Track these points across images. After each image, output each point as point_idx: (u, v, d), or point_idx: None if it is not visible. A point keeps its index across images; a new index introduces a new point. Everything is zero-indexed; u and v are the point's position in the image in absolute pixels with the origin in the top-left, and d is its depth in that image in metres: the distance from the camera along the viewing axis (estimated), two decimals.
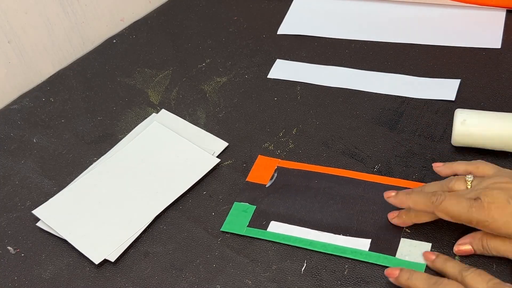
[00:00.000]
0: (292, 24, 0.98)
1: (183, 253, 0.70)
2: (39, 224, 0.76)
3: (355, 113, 0.82)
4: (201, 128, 0.84)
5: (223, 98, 0.88)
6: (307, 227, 0.70)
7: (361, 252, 0.66)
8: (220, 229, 0.71)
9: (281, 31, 0.98)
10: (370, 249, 0.66)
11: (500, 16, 0.91)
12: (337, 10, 0.99)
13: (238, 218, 0.72)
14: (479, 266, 0.63)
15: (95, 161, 0.82)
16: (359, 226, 0.69)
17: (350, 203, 0.71)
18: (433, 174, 0.72)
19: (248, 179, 0.76)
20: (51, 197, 0.78)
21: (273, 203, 0.73)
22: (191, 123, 0.85)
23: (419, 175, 0.72)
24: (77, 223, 0.74)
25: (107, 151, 0.83)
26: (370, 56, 0.90)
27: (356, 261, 0.66)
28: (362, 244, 0.67)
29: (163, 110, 0.87)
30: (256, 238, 0.70)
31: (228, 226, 0.72)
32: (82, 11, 0.99)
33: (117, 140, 0.84)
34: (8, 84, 0.95)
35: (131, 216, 0.74)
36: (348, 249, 0.67)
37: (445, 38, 0.90)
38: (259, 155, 0.79)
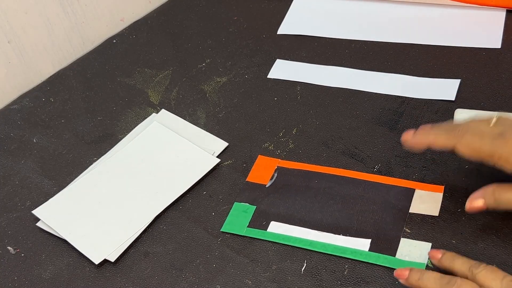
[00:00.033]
0: (292, 24, 0.98)
1: (183, 253, 0.70)
2: (39, 224, 0.76)
3: (355, 113, 0.82)
4: (201, 128, 0.84)
5: (223, 98, 0.88)
6: (307, 227, 0.70)
7: (361, 252, 0.66)
8: (220, 230, 0.71)
9: (281, 31, 0.98)
10: (370, 249, 0.66)
11: (500, 16, 0.91)
12: (337, 10, 0.99)
13: (238, 219, 0.72)
14: None
15: (95, 161, 0.82)
16: (359, 226, 0.69)
17: (350, 203, 0.71)
18: (432, 174, 0.72)
19: (248, 179, 0.76)
20: (51, 197, 0.78)
21: (273, 203, 0.73)
22: (191, 123, 0.85)
23: (419, 175, 0.72)
24: (77, 223, 0.74)
25: (107, 151, 0.83)
26: (370, 56, 0.90)
27: (356, 261, 0.66)
28: (362, 244, 0.67)
29: (163, 110, 0.87)
30: (256, 238, 0.70)
31: (228, 227, 0.72)
32: (82, 11, 0.99)
33: (117, 140, 0.84)
34: (8, 84, 0.95)
35: (131, 216, 0.74)
36: (348, 249, 0.67)
37: (445, 38, 0.90)
38: (259, 155, 0.79)
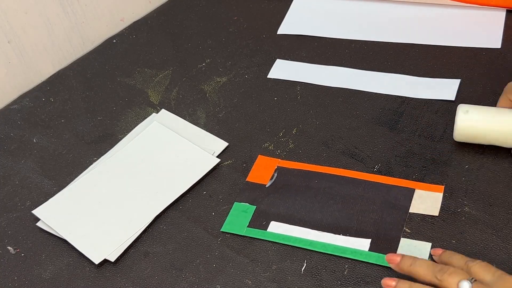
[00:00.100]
0: (292, 24, 0.98)
1: (183, 253, 0.70)
2: (39, 224, 0.76)
3: (355, 113, 0.82)
4: (201, 128, 0.84)
5: (223, 98, 0.88)
6: (307, 227, 0.70)
7: (361, 252, 0.66)
8: (220, 230, 0.71)
9: (281, 31, 0.98)
10: (370, 249, 0.66)
11: (500, 16, 0.91)
12: (337, 10, 0.99)
13: (238, 219, 0.72)
14: None
15: (95, 161, 0.82)
16: (359, 226, 0.69)
17: (350, 203, 0.71)
18: (432, 174, 0.72)
19: (248, 179, 0.76)
20: (51, 197, 0.78)
21: (273, 203, 0.73)
22: (191, 123, 0.85)
23: (419, 175, 0.72)
24: (77, 223, 0.74)
25: (107, 151, 0.83)
26: (370, 56, 0.90)
27: (356, 261, 0.66)
28: (362, 244, 0.67)
29: (163, 110, 0.87)
30: (256, 238, 0.70)
31: (228, 227, 0.72)
32: (82, 11, 0.99)
33: (117, 140, 0.84)
34: (8, 84, 0.95)
35: (131, 216, 0.74)
36: (348, 249, 0.67)
37: (445, 38, 0.90)
38: (259, 155, 0.79)
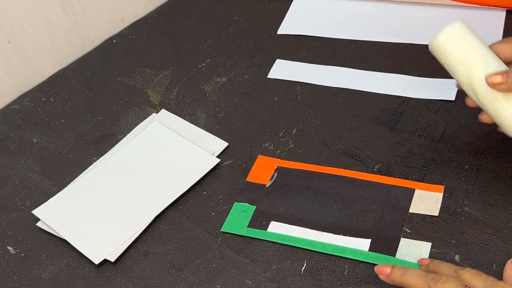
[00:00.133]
0: (292, 24, 0.98)
1: (183, 253, 0.70)
2: (39, 224, 0.76)
3: (355, 113, 0.82)
4: (201, 128, 0.84)
5: (223, 98, 0.88)
6: (307, 227, 0.70)
7: (361, 252, 0.66)
8: (220, 230, 0.71)
9: (281, 31, 0.98)
10: (370, 249, 0.66)
11: (500, 16, 0.91)
12: (337, 10, 0.99)
13: (238, 219, 0.72)
14: (479, 266, 0.63)
15: (95, 161, 0.82)
16: (359, 226, 0.69)
17: (350, 203, 0.71)
18: (432, 174, 0.72)
19: (248, 179, 0.76)
20: (51, 197, 0.78)
21: (273, 203, 0.73)
22: (191, 123, 0.85)
23: (419, 175, 0.72)
24: (77, 223, 0.74)
25: (107, 151, 0.83)
26: (370, 56, 0.90)
27: (356, 261, 0.66)
28: (362, 244, 0.67)
29: (163, 110, 0.87)
30: (256, 238, 0.70)
31: (228, 227, 0.72)
32: (82, 11, 0.99)
33: (117, 140, 0.84)
34: (8, 84, 0.95)
35: (131, 216, 0.74)
36: (348, 249, 0.67)
37: None
38: (259, 155, 0.79)
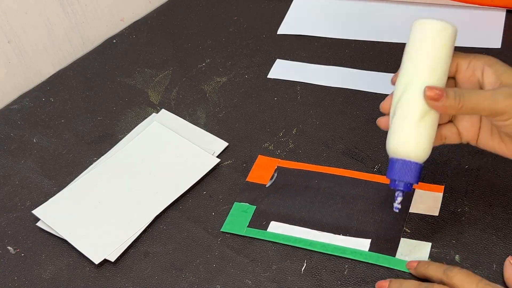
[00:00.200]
0: (292, 24, 0.98)
1: (183, 253, 0.70)
2: (39, 224, 0.76)
3: (355, 113, 0.82)
4: (201, 128, 0.84)
5: (223, 98, 0.88)
6: (307, 227, 0.70)
7: (361, 253, 0.66)
8: (220, 230, 0.71)
9: (281, 31, 0.98)
10: (370, 249, 0.66)
11: (500, 16, 0.91)
12: (337, 10, 0.99)
13: (238, 219, 0.72)
14: (479, 266, 0.63)
15: (95, 161, 0.82)
16: (359, 226, 0.69)
17: (350, 203, 0.71)
18: (432, 174, 0.72)
19: (248, 179, 0.76)
20: (51, 197, 0.78)
21: (273, 203, 0.73)
22: (191, 123, 0.85)
23: None
24: (77, 223, 0.74)
25: (107, 151, 0.83)
26: (370, 56, 0.90)
27: (356, 261, 0.66)
28: (362, 244, 0.67)
29: (163, 110, 0.87)
30: (256, 238, 0.70)
31: (228, 227, 0.72)
32: (82, 11, 0.99)
33: (117, 140, 0.84)
34: (8, 84, 0.95)
35: (131, 216, 0.74)
36: (348, 249, 0.67)
37: None
38: (259, 155, 0.79)
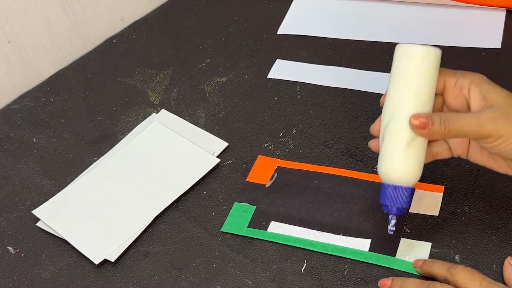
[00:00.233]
0: (292, 24, 0.98)
1: (183, 253, 0.70)
2: (39, 224, 0.76)
3: (355, 113, 0.82)
4: (201, 128, 0.84)
5: (223, 98, 0.88)
6: (307, 227, 0.70)
7: (361, 253, 0.66)
8: (220, 230, 0.71)
9: (281, 31, 0.98)
10: (370, 249, 0.66)
11: (500, 16, 0.91)
12: (337, 10, 0.99)
13: (238, 219, 0.72)
14: (479, 266, 0.63)
15: (95, 161, 0.82)
16: (359, 226, 0.69)
17: (350, 203, 0.71)
18: (432, 174, 0.72)
19: (248, 179, 0.76)
20: (51, 197, 0.78)
21: (273, 203, 0.73)
22: (191, 123, 0.85)
23: None
24: (77, 223, 0.74)
25: (107, 151, 0.83)
26: (370, 56, 0.90)
27: (356, 261, 0.66)
28: (362, 244, 0.67)
29: (163, 110, 0.87)
30: (256, 238, 0.70)
31: (228, 227, 0.72)
32: (82, 11, 0.99)
33: (117, 140, 0.84)
34: (8, 84, 0.95)
35: (131, 216, 0.74)
36: (348, 249, 0.67)
37: (445, 38, 0.90)
38: (259, 155, 0.79)
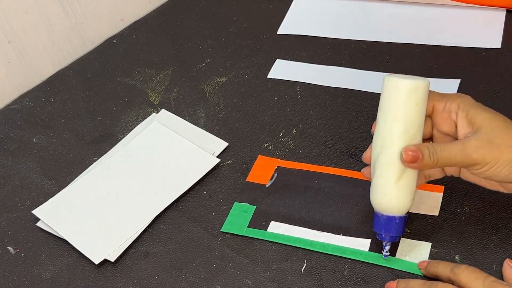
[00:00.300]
0: (292, 24, 0.98)
1: (183, 253, 0.70)
2: (39, 224, 0.76)
3: (355, 113, 0.82)
4: (201, 128, 0.84)
5: (223, 98, 0.88)
6: (307, 227, 0.70)
7: (361, 253, 0.66)
8: (220, 230, 0.71)
9: (281, 31, 0.98)
10: (370, 249, 0.66)
11: (500, 16, 0.91)
12: (337, 10, 0.99)
13: (238, 219, 0.72)
14: (479, 266, 0.63)
15: (95, 161, 0.82)
16: (359, 226, 0.69)
17: (350, 203, 0.71)
18: None
19: (248, 179, 0.76)
20: (51, 197, 0.78)
21: (273, 203, 0.73)
22: (191, 123, 0.85)
23: None
24: (77, 223, 0.74)
25: (107, 151, 0.83)
26: (370, 56, 0.90)
27: (356, 261, 0.66)
28: (362, 244, 0.67)
29: (163, 110, 0.87)
30: (256, 238, 0.70)
31: (228, 227, 0.72)
32: (82, 11, 0.99)
33: (117, 140, 0.84)
34: (8, 84, 0.95)
35: (131, 216, 0.74)
36: (348, 249, 0.67)
37: (445, 38, 0.90)
38: (259, 155, 0.79)
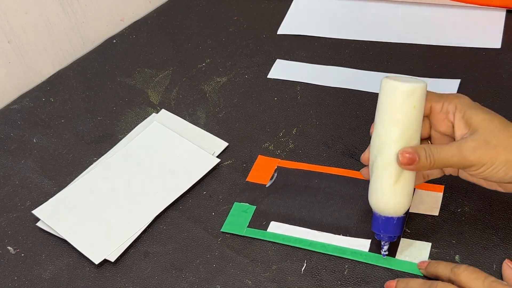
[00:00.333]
0: (292, 24, 0.98)
1: (183, 253, 0.70)
2: (39, 224, 0.76)
3: (355, 113, 0.82)
4: (201, 128, 0.84)
5: (223, 98, 0.88)
6: (307, 227, 0.70)
7: (361, 253, 0.66)
8: (220, 230, 0.71)
9: (281, 31, 0.98)
10: (370, 250, 0.66)
11: (500, 16, 0.91)
12: (337, 10, 0.99)
13: (238, 219, 0.72)
14: (479, 266, 0.63)
15: (95, 161, 0.82)
16: (359, 226, 0.69)
17: (350, 203, 0.71)
18: None
19: (248, 179, 0.76)
20: (51, 197, 0.78)
21: (273, 203, 0.73)
22: (191, 123, 0.85)
23: None
24: (77, 223, 0.74)
25: (107, 151, 0.83)
26: (370, 56, 0.90)
27: (356, 261, 0.66)
28: (362, 245, 0.67)
29: (163, 110, 0.87)
30: (256, 238, 0.70)
31: (228, 227, 0.72)
32: (82, 11, 0.99)
33: (117, 140, 0.84)
34: (8, 84, 0.95)
35: (131, 216, 0.74)
36: (348, 250, 0.67)
37: (445, 38, 0.90)
38: (259, 155, 0.79)
